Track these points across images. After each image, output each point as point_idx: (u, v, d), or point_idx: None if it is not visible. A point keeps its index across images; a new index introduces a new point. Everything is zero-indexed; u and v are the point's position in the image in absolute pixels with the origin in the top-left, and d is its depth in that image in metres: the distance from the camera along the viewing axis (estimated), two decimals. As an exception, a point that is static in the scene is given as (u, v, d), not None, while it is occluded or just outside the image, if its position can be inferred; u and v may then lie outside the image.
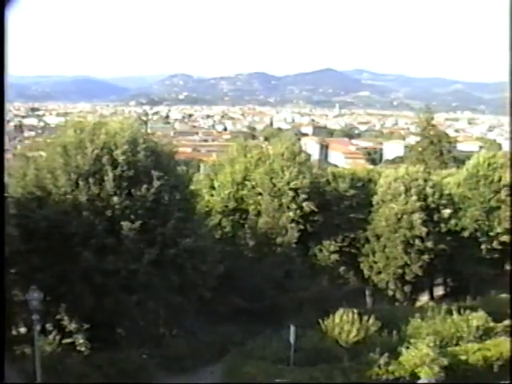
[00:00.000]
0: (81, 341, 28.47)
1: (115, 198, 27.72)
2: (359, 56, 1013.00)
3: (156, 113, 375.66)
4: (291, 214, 44.64)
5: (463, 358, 28.27)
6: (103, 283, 27.07)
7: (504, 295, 44.14)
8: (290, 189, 45.07)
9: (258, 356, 28.17)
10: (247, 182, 46.45)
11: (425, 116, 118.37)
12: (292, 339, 27.28)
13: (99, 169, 28.18)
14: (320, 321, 28.71)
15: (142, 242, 27.92)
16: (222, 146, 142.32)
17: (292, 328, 27.40)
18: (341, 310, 28.62)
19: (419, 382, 26.34)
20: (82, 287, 27.15)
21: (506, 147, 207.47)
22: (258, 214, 44.88)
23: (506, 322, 32.39)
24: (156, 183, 28.31)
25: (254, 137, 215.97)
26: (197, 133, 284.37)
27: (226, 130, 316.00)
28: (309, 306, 37.69)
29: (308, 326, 30.02)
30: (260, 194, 45.64)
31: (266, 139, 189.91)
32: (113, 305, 27.37)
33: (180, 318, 32.24)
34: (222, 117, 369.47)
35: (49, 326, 27.56)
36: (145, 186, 28.17)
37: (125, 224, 27.41)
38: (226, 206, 45.72)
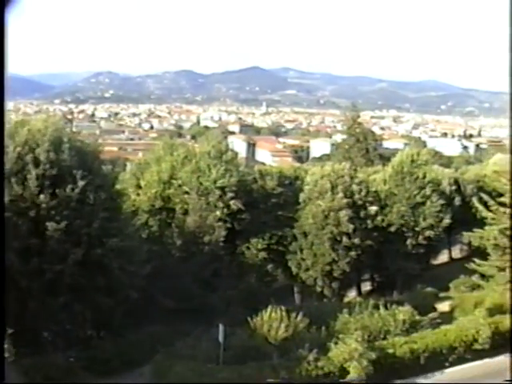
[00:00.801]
0: (5, 346, 27.79)
1: (39, 198, 27.14)
2: (286, 54, 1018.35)
3: (81, 111, 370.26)
4: (218, 212, 44.63)
5: (390, 351, 28.65)
6: (28, 286, 26.46)
7: (429, 289, 45.10)
8: (217, 187, 45.05)
9: (187, 356, 27.96)
10: (174, 181, 46.25)
11: (351, 114, 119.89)
12: (221, 338, 27.18)
13: (22, 168, 27.55)
14: (249, 319, 28.67)
15: (67, 242, 27.39)
16: (148, 145, 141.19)
17: (221, 327, 27.30)
18: (269, 308, 28.63)
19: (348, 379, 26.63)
20: (5, 290, 26.43)
21: (430, 144, 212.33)
22: (185, 212, 44.68)
23: (431, 315, 32.99)
24: (80, 183, 27.82)
25: (180, 135, 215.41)
26: (123, 131, 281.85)
27: (152, 128, 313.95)
28: (237, 305, 37.69)
29: (237, 325, 29.94)
30: (187, 192, 45.48)
31: (193, 138, 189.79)
32: (38, 308, 26.79)
33: (107, 319, 31.77)
34: (149, 115, 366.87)
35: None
36: (69, 186, 27.64)
37: (49, 224, 26.86)
38: (153, 205, 45.42)
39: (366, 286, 57.78)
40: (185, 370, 26.06)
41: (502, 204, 45.86)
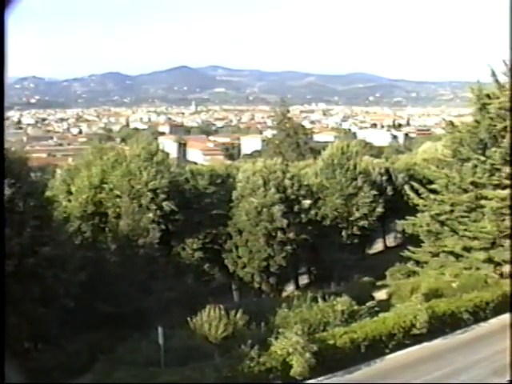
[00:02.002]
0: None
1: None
2: (213, 52, 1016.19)
3: (7, 118, 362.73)
4: (151, 214, 44.35)
5: (331, 342, 28.83)
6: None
7: (366, 278, 45.63)
8: (149, 189, 44.78)
9: (128, 361, 27.60)
10: (105, 185, 45.74)
11: (280, 109, 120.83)
12: (161, 340, 26.95)
13: None
14: (188, 319, 28.50)
15: (-2, 252, 26.71)
16: (77, 150, 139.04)
17: (160, 329, 27.06)
18: (208, 307, 28.51)
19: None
20: None
21: (359, 136, 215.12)
22: (118, 216, 44.18)
23: (369, 304, 33.34)
24: (8, 191, 27.17)
25: (110, 138, 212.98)
26: (51, 137, 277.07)
27: (81, 132, 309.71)
28: (176, 306, 37.44)
29: (176, 326, 29.80)
30: (119, 196, 45.03)
31: (123, 140, 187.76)
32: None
33: (44, 330, 31.14)
34: (77, 119, 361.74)
35: None
36: (-4, 195, 26.98)
37: (-23, 236, 26.16)
38: (85, 211, 44.76)
39: (304, 280, 58.14)
40: (126, 376, 25.71)
41: (433, 191, 46.77)
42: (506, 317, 35.54)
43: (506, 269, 43.47)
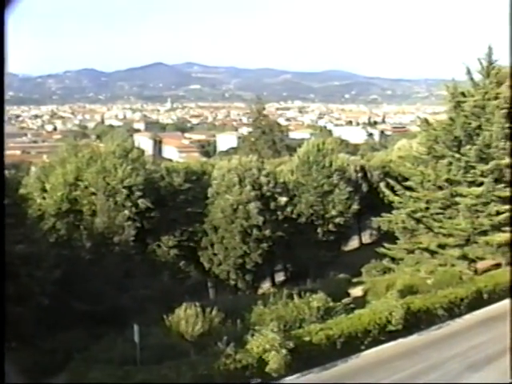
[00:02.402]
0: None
1: None
2: (188, 49, 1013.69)
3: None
4: (127, 212, 44.22)
5: (307, 339, 28.87)
6: None
7: (342, 275, 45.77)
8: (124, 187, 44.62)
9: (103, 360, 27.42)
10: (80, 183, 45.51)
11: (256, 106, 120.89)
12: (136, 338, 26.81)
13: None
14: (164, 317, 28.42)
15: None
16: (52, 147, 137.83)
17: (135, 327, 26.93)
18: (184, 305, 28.44)
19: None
20: None
21: (335, 133, 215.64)
22: (93, 214, 44.02)
23: (345, 301, 33.46)
24: (-20, 189, 26.91)
25: (85, 135, 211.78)
26: (25, 134, 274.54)
27: (56, 129, 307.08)
28: (152, 304, 37.23)
29: (152, 324, 29.63)
30: (94, 193, 44.86)
31: (98, 137, 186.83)
32: None
33: (19, 328, 30.87)
34: (52, 116, 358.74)
35: None
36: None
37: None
38: (60, 209, 44.47)
39: (280, 277, 58.19)
40: (101, 375, 25.57)
41: (408, 188, 47.03)
42: (479, 312, 36.00)
43: (480, 265, 43.91)
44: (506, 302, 37.83)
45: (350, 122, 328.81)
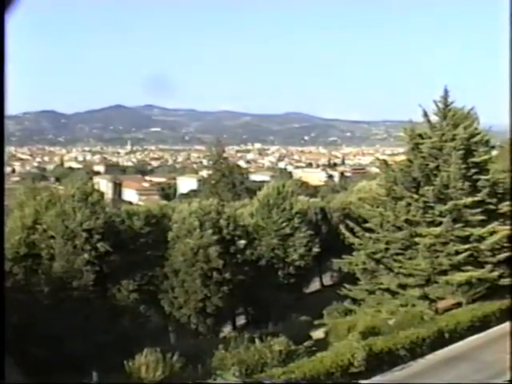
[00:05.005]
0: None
1: None
2: (148, 92, 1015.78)
3: None
4: (86, 255, 43.72)
5: (269, 383, 28.59)
6: None
7: (303, 317, 45.52)
8: (84, 230, 44.14)
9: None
10: (38, 226, 44.93)
11: (216, 149, 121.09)
12: (95, 385, 26.32)
13: None
14: (124, 363, 27.95)
15: None
16: (10, 190, 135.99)
17: (94, 374, 26.43)
18: (144, 350, 28.03)
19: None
20: None
21: (295, 175, 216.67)
22: (52, 258, 43.45)
23: (307, 343, 33.24)
24: None
25: (44, 178, 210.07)
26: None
27: (14, 172, 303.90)
28: (111, 349, 36.61)
29: (112, 370, 29.09)
30: (52, 237, 44.29)
31: (58, 180, 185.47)
32: None
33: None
34: (10, 158, 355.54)
35: None
36: None
37: None
38: (17, 253, 43.75)
39: (241, 320, 57.78)
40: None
41: (368, 229, 47.30)
42: (441, 352, 36.09)
43: (440, 305, 44.08)
44: (468, 340, 38.26)
45: (310, 164, 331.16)
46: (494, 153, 50.50)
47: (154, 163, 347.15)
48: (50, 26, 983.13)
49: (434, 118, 48.01)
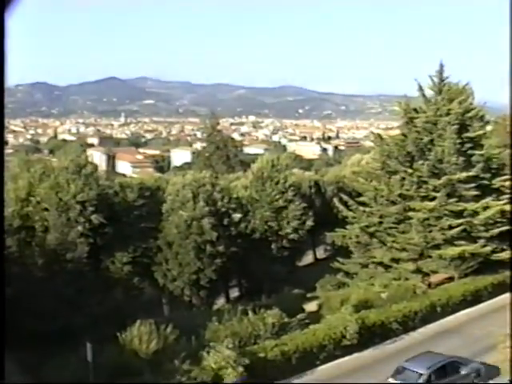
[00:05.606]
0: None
1: None
2: (143, 64, 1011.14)
3: None
4: (80, 227, 43.64)
5: (262, 355, 28.76)
6: None
7: (296, 290, 45.77)
8: (77, 202, 44.06)
9: (55, 379, 26.94)
10: (32, 198, 44.82)
11: (210, 122, 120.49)
12: (89, 357, 26.35)
13: None
14: (118, 335, 28.04)
15: None
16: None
17: (88, 345, 26.48)
18: (138, 322, 28.12)
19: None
20: None
21: (289, 148, 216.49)
22: (46, 230, 43.38)
23: (300, 316, 33.38)
24: None
25: (37, 150, 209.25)
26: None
27: (7, 144, 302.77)
28: (105, 321, 36.71)
29: (106, 342, 29.16)
30: (46, 209, 44.20)
31: (51, 152, 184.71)
32: None
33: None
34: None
35: None
36: None
37: None
38: (11, 225, 43.64)
39: (235, 293, 57.93)
40: (52, 395, 25.12)
41: (362, 203, 47.36)
42: (433, 325, 36.34)
43: (433, 279, 44.34)
44: (459, 314, 38.51)
45: (304, 138, 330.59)
46: (489, 128, 50.53)
47: (148, 135, 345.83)
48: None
49: (429, 93, 47.94)
